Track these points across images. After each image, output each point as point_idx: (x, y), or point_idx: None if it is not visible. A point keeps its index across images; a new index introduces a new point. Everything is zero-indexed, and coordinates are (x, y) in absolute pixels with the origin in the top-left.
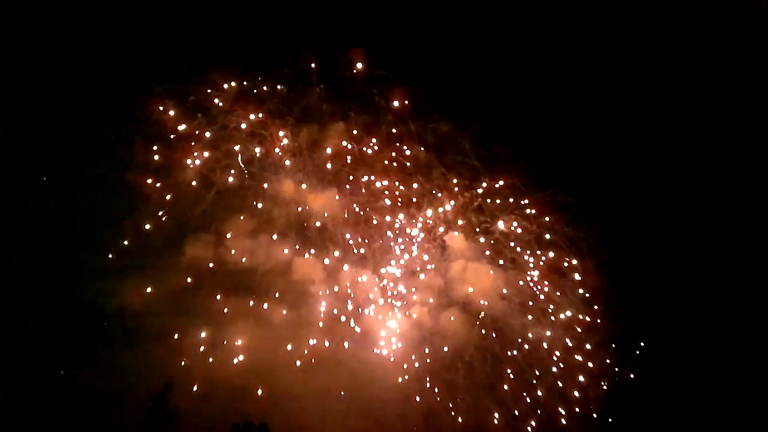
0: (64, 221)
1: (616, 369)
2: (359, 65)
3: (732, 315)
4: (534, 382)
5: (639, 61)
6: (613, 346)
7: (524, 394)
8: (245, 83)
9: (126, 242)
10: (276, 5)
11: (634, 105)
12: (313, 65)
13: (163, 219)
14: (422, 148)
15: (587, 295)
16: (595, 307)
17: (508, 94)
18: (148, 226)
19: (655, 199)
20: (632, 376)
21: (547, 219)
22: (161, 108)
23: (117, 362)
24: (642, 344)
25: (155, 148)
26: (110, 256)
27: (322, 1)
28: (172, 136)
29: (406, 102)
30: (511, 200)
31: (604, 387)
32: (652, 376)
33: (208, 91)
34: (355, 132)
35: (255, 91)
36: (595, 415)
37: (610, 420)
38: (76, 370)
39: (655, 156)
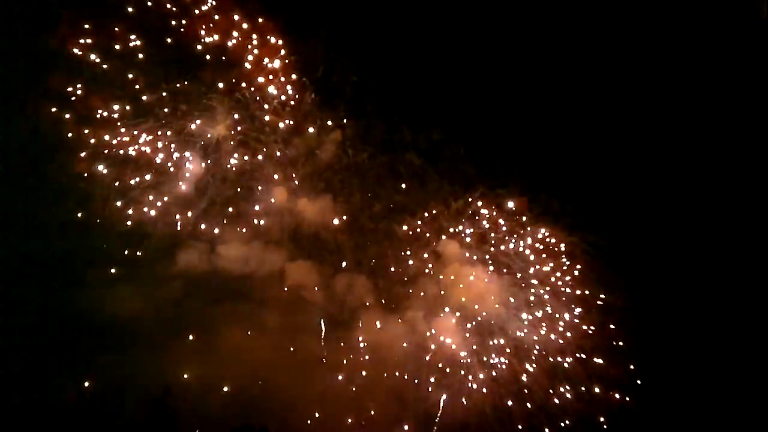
0: (60, 231)
1: (614, 371)
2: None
3: (731, 317)
4: (531, 385)
5: (637, 65)
6: (610, 348)
7: (521, 397)
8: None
9: (124, 251)
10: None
11: (632, 109)
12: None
13: (157, 227)
14: (416, 155)
15: (583, 299)
16: (592, 311)
17: (503, 100)
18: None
19: (650, 204)
20: (630, 377)
21: (542, 225)
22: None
23: (116, 368)
24: (639, 346)
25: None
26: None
27: (316, 8)
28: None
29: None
30: (506, 207)
31: (602, 388)
32: (650, 377)
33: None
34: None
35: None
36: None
37: (609, 420)
38: (76, 376)
39: (652, 160)
